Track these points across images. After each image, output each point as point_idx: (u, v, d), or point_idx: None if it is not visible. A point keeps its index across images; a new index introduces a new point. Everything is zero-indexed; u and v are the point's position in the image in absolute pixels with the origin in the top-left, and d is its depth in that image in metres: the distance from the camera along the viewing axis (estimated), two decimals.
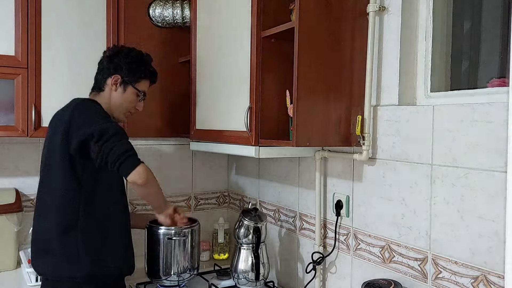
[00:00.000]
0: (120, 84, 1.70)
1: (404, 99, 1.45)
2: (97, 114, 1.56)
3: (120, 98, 1.71)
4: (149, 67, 1.78)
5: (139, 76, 1.74)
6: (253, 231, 1.83)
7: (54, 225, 1.54)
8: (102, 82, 1.72)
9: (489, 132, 1.16)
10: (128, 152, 1.49)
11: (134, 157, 1.50)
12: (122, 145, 1.48)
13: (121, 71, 1.70)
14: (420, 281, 1.36)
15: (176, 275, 1.81)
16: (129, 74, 1.71)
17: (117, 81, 1.70)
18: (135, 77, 1.72)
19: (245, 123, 1.60)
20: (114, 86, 1.70)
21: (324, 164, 1.75)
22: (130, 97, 1.73)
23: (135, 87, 1.72)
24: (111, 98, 1.71)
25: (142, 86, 1.76)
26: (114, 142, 1.48)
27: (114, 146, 1.47)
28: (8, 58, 1.86)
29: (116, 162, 1.47)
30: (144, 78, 1.76)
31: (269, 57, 1.60)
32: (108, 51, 1.76)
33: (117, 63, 1.71)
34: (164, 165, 2.36)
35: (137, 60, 1.74)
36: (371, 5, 1.47)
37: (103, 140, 1.47)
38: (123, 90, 1.71)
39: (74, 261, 1.53)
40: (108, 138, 1.47)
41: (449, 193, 1.27)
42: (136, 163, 1.49)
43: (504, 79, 1.24)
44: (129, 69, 1.71)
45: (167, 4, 2.18)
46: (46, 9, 1.92)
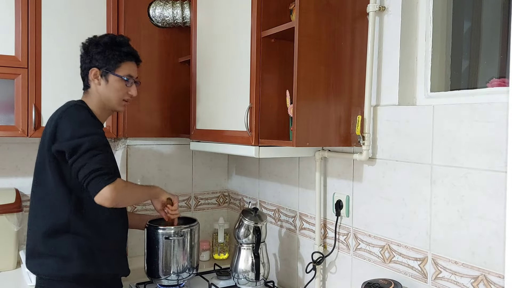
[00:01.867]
0: (100, 76, 1.63)
1: (404, 99, 1.45)
2: (80, 125, 1.50)
3: (106, 90, 1.63)
4: (125, 49, 1.66)
5: (116, 61, 1.63)
6: (253, 231, 1.83)
7: (46, 227, 1.53)
8: (86, 79, 1.66)
9: (489, 132, 1.16)
10: (94, 172, 1.43)
11: (102, 177, 1.43)
12: (91, 164, 1.43)
13: (96, 62, 1.62)
14: (420, 281, 1.36)
15: (176, 275, 1.81)
16: (104, 62, 1.62)
17: (96, 74, 1.63)
18: (111, 63, 1.62)
19: (245, 123, 1.60)
20: (96, 80, 1.63)
21: (324, 164, 1.75)
22: (116, 85, 1.64)
23: (116, 74, 1.63)
24: (98, 92, 1.64)
25: (124, 70, 1.65)
26: (85, 159, 1.44)
27: (84, 164, 1.44)
28: (8, 58, 1.86)
29: (85, 181, 1.44)
30: (122, 61, 1.64)
31: (269, 57, 1.60)
32: (81, 46, 1.68)
33: (91, 55, 1.63)
34: (164, 165, 2.36)
35: (109, 45, 1.63)
36: (371, 5, 1.47)
37: (75, 156, 1.45)
38: (106, 81, 1.63)
39: (65, 261, 1.52)
40: (80, 154, 1.44)
41: (449, 193, 1.27)
42: (102, 185, 1.43)
43: (504, 79, 1.24)
44: (103, 58, 1.62)
45: (167, 4, 2.18)
46: (46, 9, 1.92)
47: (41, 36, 1.91)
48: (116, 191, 1.44)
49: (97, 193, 1.43)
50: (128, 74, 1.66)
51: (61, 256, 1.52)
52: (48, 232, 1.53)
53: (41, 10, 1.91)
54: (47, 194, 1.55)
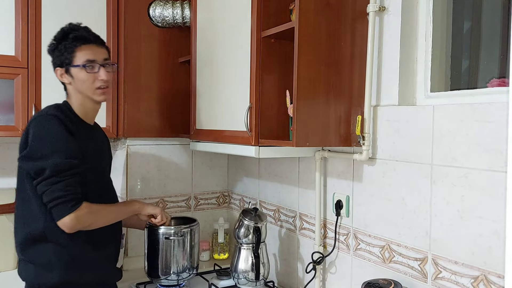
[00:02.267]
0: (65, 73, 1.54)
1: (404, 99, 1.45)
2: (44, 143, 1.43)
3: (75, 85, 1.54)
4: (72, 35, 1.52)
5: (69, 52, 1.51)
6: (253, 231, 1.83)
7: (22, 237, 1.51)
8: (60, 82, 1.59)
9: (489, 132, 1.16)
10: (58, 199, 1.40)
11: (63, 205, 1.40)
12: (53, 192, 1.40)
13: (56, 60, 1.55)
14: (420, 281, 1.36)
15: (176, 275, 1.81)
16: (60, 59, 1.53)
17: (62, 74, 1.54)
18: (64, 56, 1.52)
19: (245, 123, 1.60)
20: (65, 79, 1.55)
21: (324, 164, 1.75)
22: (80, 76, 1.52)
23: (74, 65, 1.51)
24: (74, 91, 1.56)
25: (80, 57, 1.51)
26: (47, 185, 1.40)
27: (46, 190, 1.40)
28: (8, 58, 1.86)
29: (48, 204, 1.41)
30: (75, 49, 1.51)
31: (269, 57, 1.60)
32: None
33: (52, 56, 1.56)
34: (164, 165, 2.36)
35: (59, 39, 1.53)
36: (371, 5, 1.47)
37: (39, 179, 1.41)
38: (71, 77, 1.53)
39: (45, 269, 1.48)
40: (43, 179, 1.40)
41: (449, 193, 1.27)
42: (64, 213, 1.40)
43: (504, 79, 1.24)
44: (58, 54, 1.53)
45: (167, 4, 2.18)
46: (46, 9, 1.92)
47: (41, 36, 1.91)
48: (77, 219, 1.41)
49: (59, 221, 1.41)
50: (87, 60, 1.52)
51: (41, 264, 1.48)
52: (25, 241, 1.50)
53: (41, 10, 1.91)
54: (25, 202, 1.51)
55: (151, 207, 1.71)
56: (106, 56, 1.59)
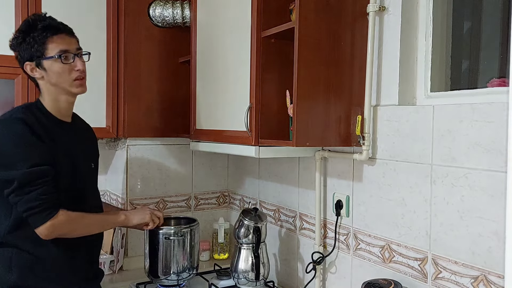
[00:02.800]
0: (36, 67, 1.43)
1: (404, 99, 1.45)
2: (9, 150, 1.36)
3: (49, 78, 1.44)
4: (40, 25, 1.42)
5: (40, 43, 1.41)
6: (253, 231, 1.83)
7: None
8: (31, 78, 1.49)
9: (489, 132, 1.16)
10: (31, 209, 1.34)
11: (39, 214, 1.35)
12: (27, 201, 1.34)
13: (25, 55, 1.44)
14: (420, 281, 1.36)
15: (176, 275, 1.81)
16: (30, 52, 1.42)
17: (32, 68, 1.44)
18: (35, 49, 1.42)
19: (245, 123, 1.60)
20: (36, 74, 1.44)
21: (324, 164, 1.75)
22: (55, 68, 1.43)
23: (46, 57, 1.41)
24: (45, 85, 1.46)
25: (53, 48, 1.42)
26: (18, 196, 1.35)
27: (19, 201, 1.35)
28: (8, 58, 1.85)
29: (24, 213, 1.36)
30: (46, 40, 1.42)
31: (269, 57, 1.60)
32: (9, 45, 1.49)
33: (18, 51, 1.46)
34: (164, 165, 2.36)
35: (25, 31, 1.43)
36: (371, 5, 1.47)
37: (9, 190, 1.35)
38: (44, 70, 1.43)
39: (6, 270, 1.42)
40: (12, 190, 1.34)
41: (449, 193, 1.27)
42: (39, 222, 1.35)
43: (504, 79, 1.24)
44: (27, 47, 1.42)
45: (167, 4, 2.18)
46: (46, 9, 1.91)
47: None
48: (53, 228, 1.37)
49: (35, 229, 1.36)
50: (60, 50, 1.42)
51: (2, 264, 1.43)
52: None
53: (41, 10, 1.91)
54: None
55: (138, 217, 1.64)
56: (78, 45, 1.50)
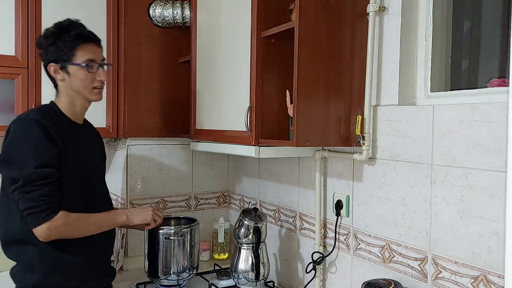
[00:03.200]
0: (60, 70, 1.49)
1: (404, 99, 1.45)
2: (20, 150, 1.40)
3: (71, 82, 1.49)
4: (74, 32, 1.48)
5: (69, 49, 1.47)
6: (253, 231, 1.83)
7: (5, 237, 1.49)
8: (50, 77, 1.53)
9: (489, 132, 1.16)
10: (30, 209, 1.37)
11: (37, 215, 1.37)
12: (26, 201, 1.37)
13: (51, 56, 1.48)
14: (420, 281, 1.36)
15: (176, 275, 1.81)
16: (58, 54, 1.47)
17: (56, 70, 1.49)
18: (64, 52, 1.47)
19: (245, 123, 1.60)
20: (58, 76, 1.49)
21: (324, 164, 1.75)
22: (79, 75, 1.49)
23: (74, 63, 1.47)
24: (65, 88, 1.51)
25: (81, 56, 1.48)
26: (20, 194, 1.37)
27: (20, 199, 1.37)
28: (8, 58, 1.86)
29: (23, 213, 1.38)
30: (76, 47, 1.48)
31: (269, 57, 1.60)
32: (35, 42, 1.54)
33: (45, 51, 1.49)
34: (164, 165, 2.36)
35: (57, 34, 1.48)
36: (371, 5, 1.47)
37: (14, 187, 1.38)
38: (67, 74, 1.49)
39: (28, 270, 1.45)
40: (17, 188, 1.37)
41: (449, 193, 1.27)
42: (37, 223, 1.37)
43: (504, 79, 1.24)
44: (56, 49, 1.47)
45: (167, 4, 2.18)
46: (46, 9, 1.93)
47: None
48: (50, 230, 1.38)
49: (33, 230, 1.38)
50: (88, 59, 1.49)
51: (23, 264, 1.47)
52: (8, 241, 1.48)
53: (41, 10, 1.91)
54: (5, 203, 1.47)
55: (140, 217, 1.63)
56: (103, 56, 1.57)
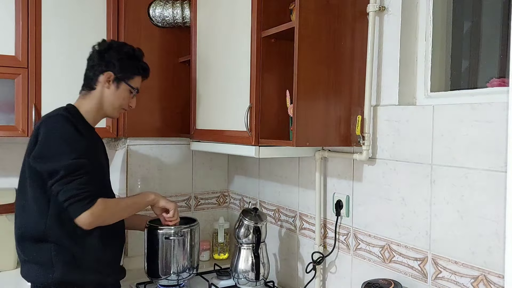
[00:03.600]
0: (113, 81, 1.62)
1: (404, 99, 1.45)
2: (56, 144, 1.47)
3: (113, 95, 1.63)
4: (142, 63, 1.70)
5: (132, 73, 1.66)
6: (253, 231, 1.83)
7: (24, 235, 1.52)
8: (93, 80, 1.63)
9: (489, 132, 1.16)
10: (74, 197, 1.42)
11: (78, 203, 1.43)
12: (68, 190, 1.42)
13: (113, 67, 1.62)
14: (420, 281, 1.36)
15: (176, 275, 1.81)
16: (121, 70, 1.63)
17: (109, 78, 1.62)
18: (128, 73, 1.65)
19: (245, 123, 1.60)
20: (107, 84, 1.62)
21: (324, 164, 1.75)
22: (123, 94, 1.65)
23: (128, 83, 1.65)
24: (103, 96, 1.63)
25: (135, 82, 1.68)
26: (62, 185, 1.43)
27: (61, 190, 1.43)
28: (8, 58, 1.86)
29: (64, 203, 1.43)
30: (137, 74, 1.68)
31: (269, 57, 1.60)
32: (98, 46, 1.66)
33: (108, 59, 1.62)
34: (164, 165, 2.36)
35: (129, 55, 1.66)
36: (371, 5, 1.47)
37: (53, 181, 1.43)
38: (116, 87, 1.63)
39: (48, 268, 1.49)
40: (57, 180, 1.43)
41: (449, 193, 1.27)
42: (81, 210, 1.42)
43: (504, 79, 1.24)
44: (121, 66, 1.63)
45: (167, 4, 2.18)
46: (46, 9, 1.93)
47: (41, 36, 1.91)
48: (93, 216, 1.44)
49: (76, 218, 1.43)
50: (138, 88, 1.70)
51: (42, 263, 1.50)
52: (26, 241, 1.52)
53: (41, 10, 1.91)
54: (27, 201, 1.53)
55: (166, 200, 1.72)
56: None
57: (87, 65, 1.66)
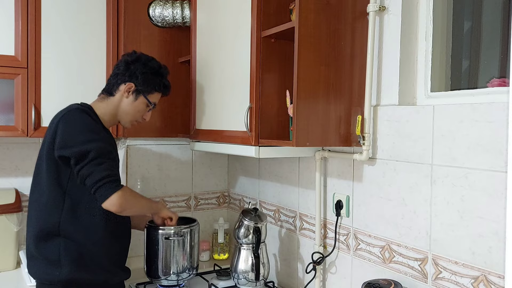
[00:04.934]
0: (132, 92, 1.68)
1: (404, 99, 1.45)
2: (82, 131, 1.52)
3: (129, 106, 1.69)
4: (165, 81, 1.76)
5: (153, 88, 1.72)
6: (253, 231, 1.83)
7: (37, 230, 1.54)
8: (114, 87, 1.69)
9: (489, 132, 1.16)
10: (104, 179, 1.46)
11: (110, 184, 1.47)
12: (99, 172, 1.46)
13: (136, 79, 1.68)
14: (420, 281, 1.36)
15: (175, 275, 1.81)
16: (143, 84, 1.69)
17: (130, 89, 1.68)
18: (149, 88, 1.70)
19: (245, 123, 1.60)
20: (126, 93, 1.68)
21: (324, 164, 1.75)
22: (140, 106, 1.71)
23: (147, 97, 1.71)
24: (120, 104, 1.69)
25: (154, 97, 1.74)
26: (92, 167, 1.46)
27: (92, 172, 1.46)
28: (8, 58, 1.86)
29: (93, 187, 1.46)
30: (157, 90, 1.74)
31: (269, 57, 1.60)
32: (127, 56, 1.73)
33: (133, 70, 1.68)
34: (164, 165, 2.36)
35: (153, 71, 1.72)
36: (371, 5, 1.47)
37: (82, 164, 1.46)
38: (134, 99, 1.69)
39: (55, 265, 1.52)
40: (87, 162, 1.46)
41: (449, 193, 1.27)
42: (111, 192, 1.46)
43: (504, 79, 1.23)
44: (144, 79, 1.69)
45: (167, 4, 2.18)
46: (46, 9, 1.92)
47: (41, 36, 1.91)
48: (124, 198, 1.48)
49: (105, 200, 1.46)
50: (155, 103, 1.75)
51: (50, 260, 1.52)
52: (39, 234, 1.54)
53: (40, 10, 1.91)
54: (41, 196, 1.55)
55: (169, 211, 1.79)
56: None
57: (112, 71, 1.74)
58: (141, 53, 1.75)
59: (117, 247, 1.66)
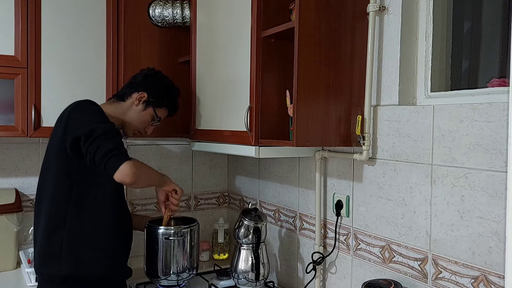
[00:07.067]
0: (143, 102, 1.75)
1: (404, 99, 1.45)
2: (92, 115, 1.54)
3: (137, 114, 1.75)
4: (175, 100, 1.85)
5: (163, 103, 1.79)
6: (253, 231, 1.83)
7: (44, 224, 1.56)
8: (127, 94, 1.75)
9: (489, 132, 1.16)
10: (112, 151, 1.43)
11: (119, 156, 1.44)
12: (108, 144, 1.43)
13: (149, 90, 1.75)
14: (420, 281, 1.36)
15: (175, 275, 1.81)
16: (155, 96, 1.76)
17: (142, 98, 1.74)
18: (159, 101, 1.77)
19: (245, 123, 1.60)
20: (137, 101, 1.74)
21: (324, 164, 1.75)
22: (146, 117, 1.77)
23: (155, 110, 1.77)
24: (129, 111, 1.74)
25: (161, 113, 1.80)
26: (100, 141, 1.43)
27: (100, 146, 1.43)
28: (8, 58, 1.86)
29: (102, 160, 1.43)
30: (166, 107, 1.81)
31: (269, 57, 1.59)
32: (147, 70, 1.82)
33: (150, 83, 1.76)
34: (164, 165, 2.35)
35: (167, 88, 1.81)
36: (371, 5, 1.47)
37: (90, 141, 1.44)
38: (143, 108, 1.75)
39: (56, 261, 1.53)
40: (95, 138, 1.44)
41: (449, 193, 1.27)
42: (121, 161, 1.43)
43: (504, 79, 1.24)
44: (157, 92, 1.77)
45: (167, 4, 2.18)
46: (46, 9, 1.92)
47: (41, 36, 1.91)
48: (135, 166, 1.44)
49: (117, 170, 1.42)
50: (160, 118, 1.81)
51: (52, 254, 1.53)
52: (47, 228, 1.55)
53: (40, 10, 1.91)
54: (49, 188, 1.57)
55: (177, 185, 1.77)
56: None
57: (128, 81, 1.82)
58: (159, 71, 1.85)
59: (119, 244, 1.67)
